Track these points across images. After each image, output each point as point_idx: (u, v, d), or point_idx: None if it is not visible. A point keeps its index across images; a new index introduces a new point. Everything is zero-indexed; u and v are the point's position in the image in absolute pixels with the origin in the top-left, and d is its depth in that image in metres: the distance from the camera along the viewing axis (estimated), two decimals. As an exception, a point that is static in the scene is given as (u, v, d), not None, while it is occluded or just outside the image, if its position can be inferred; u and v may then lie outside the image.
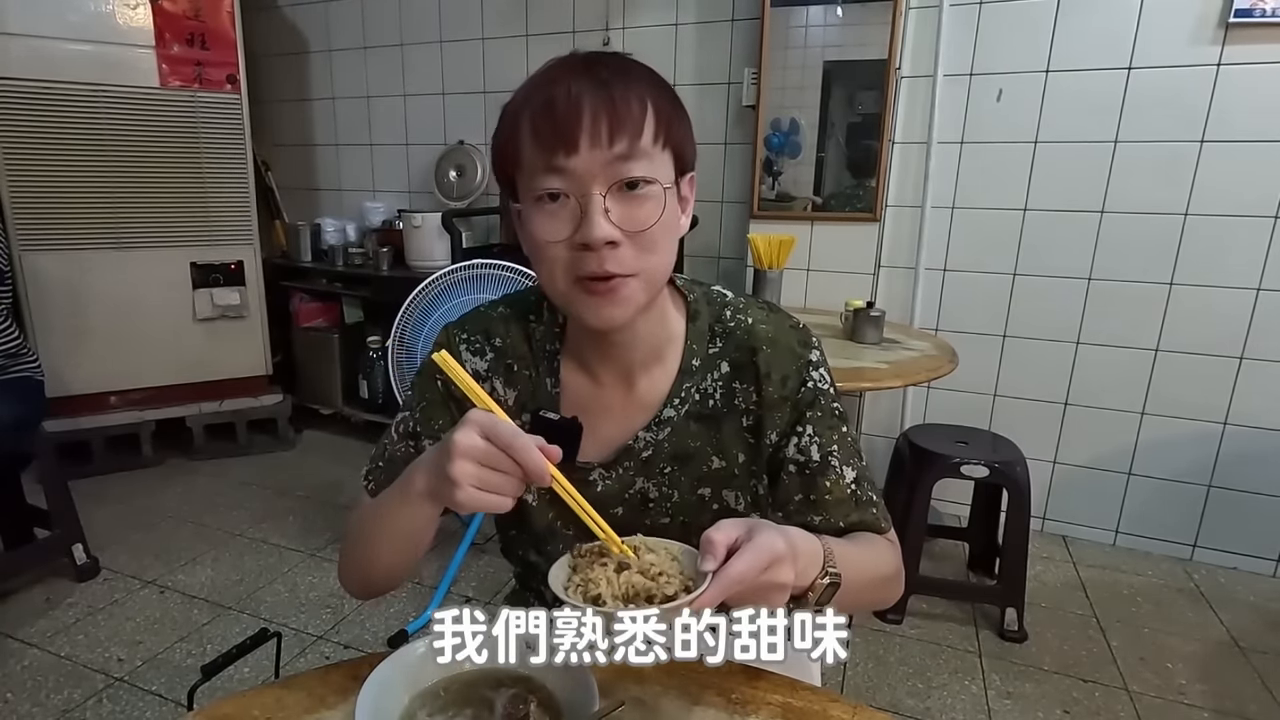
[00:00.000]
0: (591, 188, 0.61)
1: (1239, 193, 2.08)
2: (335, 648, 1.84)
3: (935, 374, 1.77)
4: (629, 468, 0.75)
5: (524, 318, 0.77)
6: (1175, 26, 2.05)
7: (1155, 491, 2.33)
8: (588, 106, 0.60)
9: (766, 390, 0.72)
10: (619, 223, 0.61)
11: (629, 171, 0.61)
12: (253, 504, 2.60)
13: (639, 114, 0.61)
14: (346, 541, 0.75)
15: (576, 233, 0.61)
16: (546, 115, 0.61)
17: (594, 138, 0.60)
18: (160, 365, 2.85)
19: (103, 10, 2.52)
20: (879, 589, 0.72)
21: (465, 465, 0.54)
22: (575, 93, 0.60)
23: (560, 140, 0.60)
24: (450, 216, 2.76)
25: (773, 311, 0.77)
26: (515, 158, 0.63)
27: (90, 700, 1.63)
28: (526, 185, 0.64)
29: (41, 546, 2.07)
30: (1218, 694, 1.72)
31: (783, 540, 0.55)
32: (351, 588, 0.76)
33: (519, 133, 0.63)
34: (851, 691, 1.72)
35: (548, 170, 0.61)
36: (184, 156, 2.74)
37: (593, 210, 0.60)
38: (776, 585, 0.54)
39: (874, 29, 2.32)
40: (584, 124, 0.59)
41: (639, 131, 0.61)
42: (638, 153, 0.61)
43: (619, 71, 0.62)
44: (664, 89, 0.65)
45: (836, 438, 0.73)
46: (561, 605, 0.55)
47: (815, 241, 2.56)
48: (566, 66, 0.63)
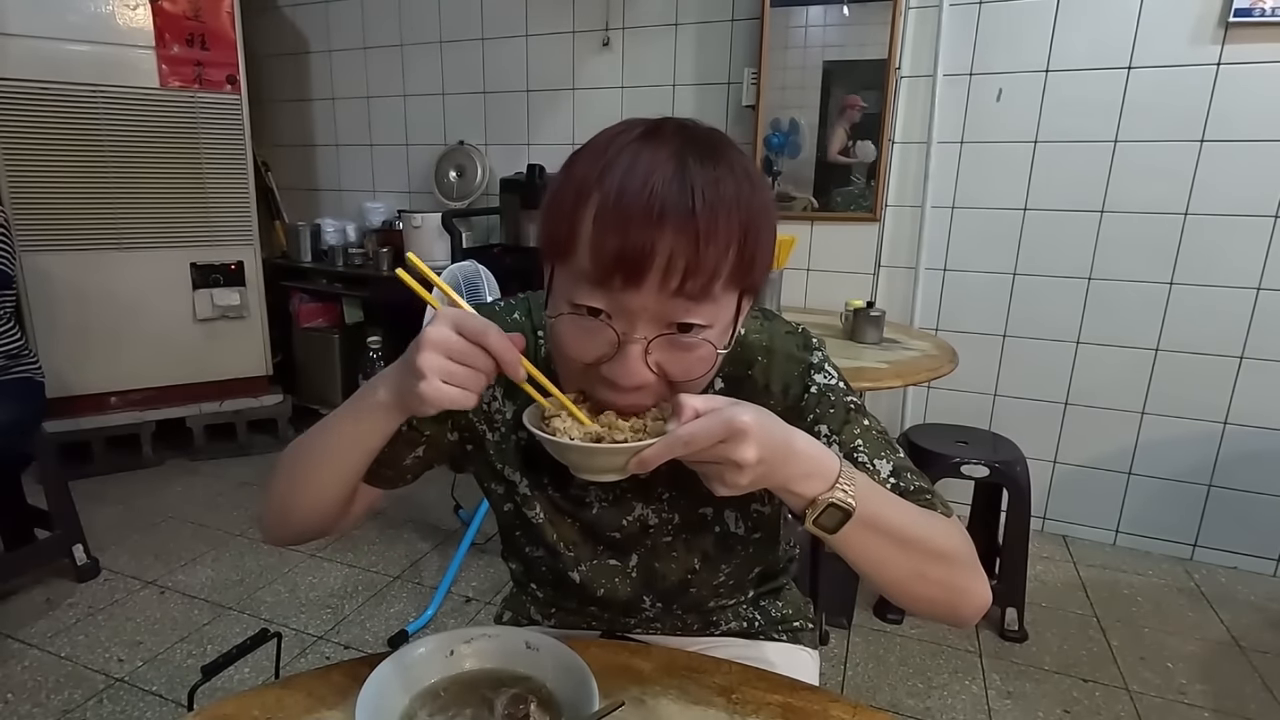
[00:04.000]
0: (638, 328, 0.54)
1: (1239, 193, 2.08)
2: (335, 648, 1.84)
3: (935, 374, 1.77)
4: (626, 491, 0.73)
5: (534, 331, 0.73)
6: (1175, 26, 2.05)
7: (1155, 491, 2.33)
8: (667, 243, 0.51)
9: (767, 404, 0.68)
10: (657, 366, 0.56)
11: (685, 316, 0.54)
12: (253, 504, 2.60)
13: (720, 260, 0.53)
14: (276, 471, 0.67)
15: (607, 362, 0.56)
16: (616, 234, 0.51)
17: (663, 282, 0.52)
18: (160, 365, 2.85)
19: (102, 10, 2.52)
20: (935, 567, 0.60)
21: (434, 358, 0.51)
22: (657, 219, 0.51)
23: (622, 273, 0.52)
24: (450, 217, 2.76)
25: (767, 319, 0.73)
26: (566, 245, 0.55)
27: (90, 701, 1.63)
28: (568, 278, 0.56)
29: (42, 547, 2.07)
30: (1218, 694, 1.71)
31: (750, 416, 0.50)
32: (269, 526, 0.70)
33: (579, 222, 0.53)
34: (851, 691, 1.72)
35: (597, 289, 0.54)
36: (184, 157, 2.74)
37: (632, 353, 0.54)
38: (731, 462, 0.50)
39: (874, 29, 2.32)
40: (655, 264, 0.51)
41: (714, 279, 0.53)
42: (704, 298, 0.54)
43: (712, 187, 0.52)
44: (758, 211, 0.55)
45: (859, 432, 0.67)
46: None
47: (815, 241, 2.57)
48: (655, 160, 0.52)
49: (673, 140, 0.54)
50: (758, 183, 0.56)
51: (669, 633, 0.85)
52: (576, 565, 0.77)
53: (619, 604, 0.80)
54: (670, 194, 0.51)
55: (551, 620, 0.87)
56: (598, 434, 0.56)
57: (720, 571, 0.77)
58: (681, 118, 0.58)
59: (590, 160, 0.55)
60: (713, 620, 0.85)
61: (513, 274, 2.50)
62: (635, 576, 0.78)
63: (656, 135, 0.55)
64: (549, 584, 0.84)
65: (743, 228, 0.54)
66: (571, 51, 2.85)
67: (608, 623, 0.84)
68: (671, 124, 0.56)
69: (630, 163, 0.53)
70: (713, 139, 0.56)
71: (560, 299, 0.57)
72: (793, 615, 0.89)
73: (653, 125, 0.56)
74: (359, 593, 2.07)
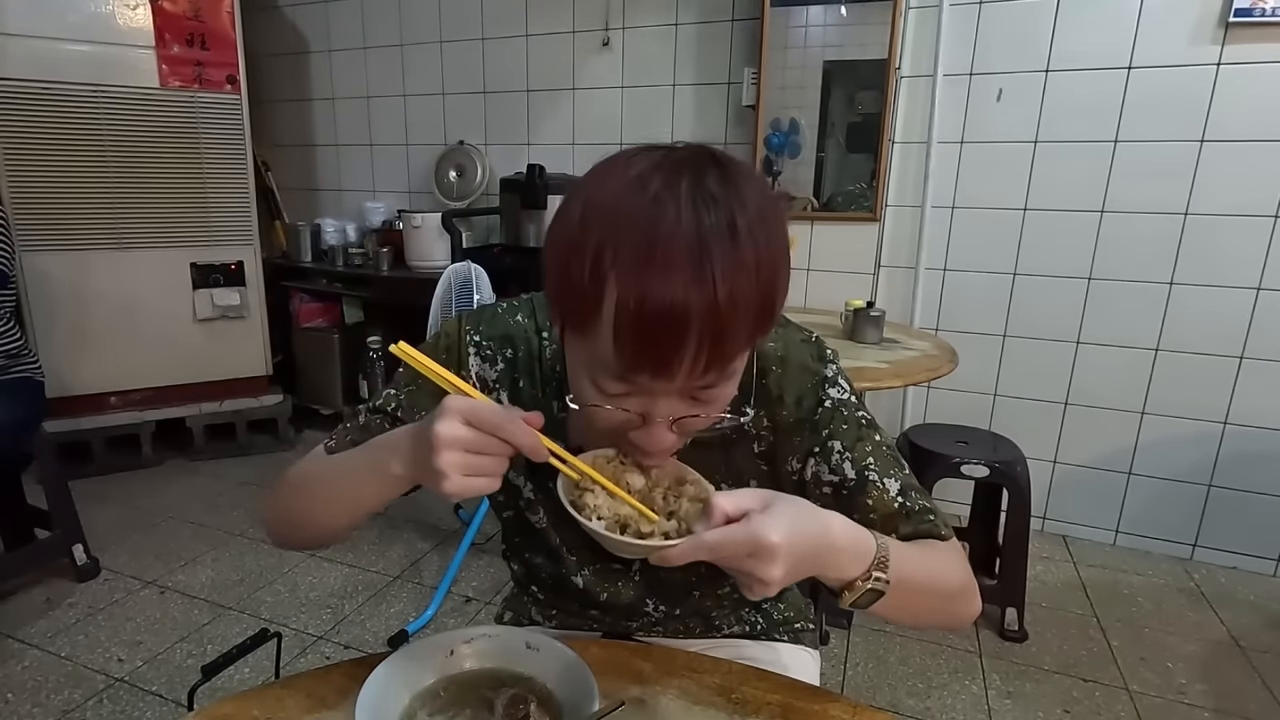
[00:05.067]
0: (661, 408, 0.55)
1: (1239, 193, 2.08)
2: (335, 648, 1.84)
3: (935, 374, 1.77)
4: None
5: (538, 332, 0.72)
6: (1175, 26, 2.05)
7: (1155, 491, 2.33)
8: (693, 340, 0.50)
9: (780, 414, 0.69)
10: (678, 427, 0.56)
11: (706, 395, 0.55)
12: (253, 504, 2.60)
13: (745, 336, 0.52)
14: (285, 489, 0.69)
15: (631, 429, 0.56)
16: (641, 340, 0.50)
17: (690, 371, 0.52)
18: (160, 365, 2.85)
19: (102, 10, 2.52)
20: (944, 604, 0.65)
21: (451, 455, 0.51)
22: (681, 323, 0.49)
23: (648, 367, 0.52)
24: (450, 217, 2.76)
25: (782, 325, 0.71)
26: (584, 326, 0.53)
27: (90, 701, 1.63)
28: (587, 356, 0.55)
29: (42, 547, 2.07)
30: (1218, 694, 1.71)
31: (780, 535, 0.49)
32: (276, 533, 0.72)
33: (598, 308, 0.51)
34: (851, 691, 1.72)
35: (620, 378, 0.53)
36: (184, 157, 2.74)
37: (658, 428, 0.55)
38: (756, 578, 0.50)
39: (874, 29, 2.32)
40: (684, 360, 0.51)
41: (739, 351, 0.53)
42: (724, 375, 0.54)
43: (733, 267, 0.49)
44: (777, 261, 0.53)
45: (870, 449, 0.68)
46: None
47: (815, 241, 2.57)
48: (673, 245, 0.49)
49: (690, 204, 0.50)
50: (775, 227, 0.53)
51: (670, 635, 0.85)
52: (579, 570, 0.77)
53: (621, 608, 0.80)
54: (693, 291, 0.49)
55: (552, 622, 0.87)
56: (626, 519, 0.56)
57: (725, 579, 0.77)
58: (695, 153, 0.54)
59: (602, 226, 0.51)
60: (715, 624, 0.85)
61: (513, 274, 2.50)
62: (638, 581, 0.78)
63: (672, 194, 0.50)
64: (550, 587, 0.84)
65: (764, 294, 0.52)
66: (571, 51, 2.84)
67: (609, 625, 0.84)
68: (687, 173, 0.51)
69: (648, 241, 0.49)
70: (725, 187, 0.51)
71: (582, 378, 0.57)
72: (794, 617, 0.89)
73: (668, 175, 0.51)
74: (359, 593, 2.07)
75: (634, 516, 0.56)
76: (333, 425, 2.86)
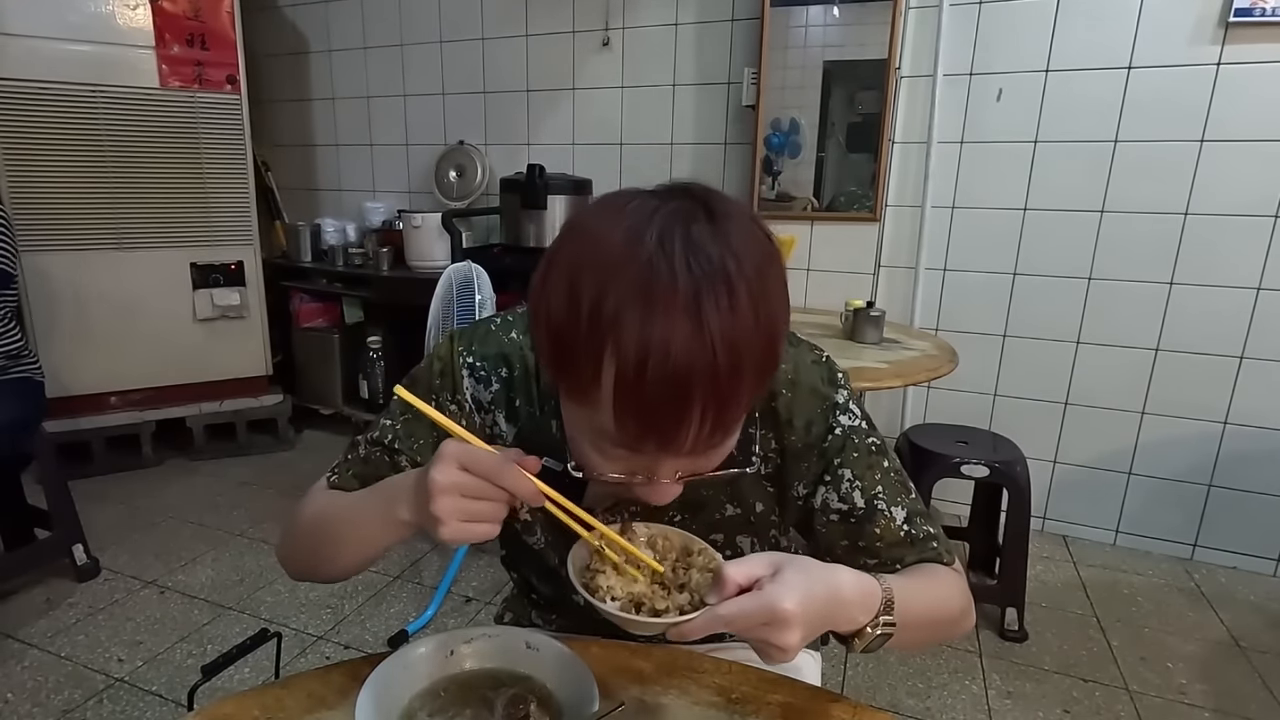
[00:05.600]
0: (666, 470, 0.55)
1: (1239, 193, 2.08)
2: (335, 648, 1.84)
3: (935, 374, 1.77)
4: (635, 514, 0.72)
5: (534, 349, 0.71)
6: (1175, 26, 2.05)
7: (1155, 491, 2.33)
8: (696, 409, 0.49)
9: (789, 439, 0.68)
10: (685, 481, 0.57)
11: (714, 446, 0.55)
12: (253, 504, 2.60)
13: (747, 400, 0.52)
14: (300, 528, 0.71)
15: (639, 486, 0.56)
16: (644, 414, 0.49)
17: (696, 438, 0.51)
18: (160, 365, 2.85)
19: (102, 10, 2.52)
20: (944, 629, 0.67)
21: (446, 502, 0.51)
22: (683, 395, 0.48)
23: (654, 442, 0.51)
24: (450, 217, 2.76)
25: (792, 345, 0.70)
26: (583, 394, 0.52)
27: (91, 700, 1.63)
28: (588, 423, 0.54)
29: (42, 547, 2.07)
30: (1218, 694, 1.71)
31: (794, 602, 0.49)
32: (293, 571, 0.74)
33: (596, 377, 0.49)
34: (851, 691, 1.72)
35: (627, 449, 0.53)
36: (184, 157, 2.74)
37: (663, 485, 0.55)
38: (774, 646, 0.50)
39: (874, 29, 2.32)
40: (688, 434, 0.50)
41: (743, 410, 0.53)
42: (727, 435, 0.54)
43: (730, 326, 0.48)
44: (775, 311, 0.52)
45: (879, 476, 0.68)
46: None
47: (815, 241, 2.57)
48: (671, 314, 0.47)
49: (683, 270, 0.48)
50: (768, 275, 0.51)
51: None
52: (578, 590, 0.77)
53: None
54: (694, 361, 0.47)
55: (553, 626, 0.87)
56: (640, 596, 0.56)
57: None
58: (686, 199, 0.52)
59: (598, 284, 0.48)
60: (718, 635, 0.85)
61: (513, 274, 2.50)
62: None
63: (664, 260, 0.48)
64: (549, 598, 0.84)
65: (764, 353, 0.51)
66: (571, 51, 2.84)
67: (610, 632, 0.84)
68: (675, 233, 0.49)
69: (645, 312, 0.47)
70: (721, 245, 0.49)
71: (583, 443, 0.56)
72: None
73: (658, 236, 0.49)
74: (359, 593, 2.07)
75: (647, 594, 0.56)
76: (333, 425, 2.85)
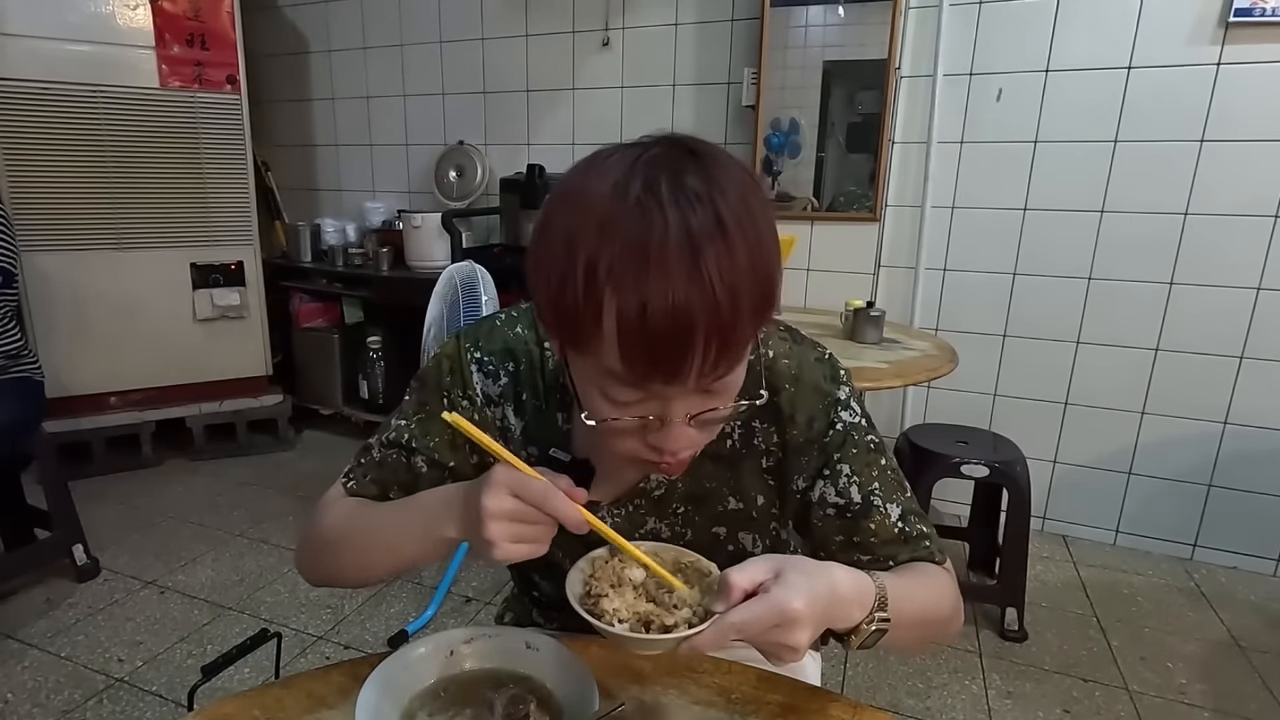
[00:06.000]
0: (677, 409, 0.54)
1: (1239, 193, 2.08)
2: (335, 648, 1.84)
3: (935, 374, 1.77)
4: (640, 506, 0.73)
5: (539, 344, 0.72)
6: (1175, 26, 2.05)
7: (1155, 491, 2.33)
8: (699, 343, 0.49)
9: (790, 433, 0.69)
10: (698, 423, 0.57)
11: (719, 388, 0.55)
12: (253, 504, 2.60)
13: (749, 328, 0.52)
14: (322, 538, 0.71)
15: (650, 434, 0.56)
16: (648, 350, 0.49)
17: (700, 371, 0.51)
18: (160, 365, 2.85)
19: (102, 10, 2.52)
20: (936, 629, 0.68)
21: (499, 526, 0.54)
22: (686, 330, 0.49)
23: (661, 377, 0.51)
24: (450, 217, 2.76)
25: (796, 342, 0.72)
26: (587, 343, 0.52)
27: (91, 701, 1.63)
28: (594, 370, 0.54)
29: (42, 547, 2.07)
30: (1218, 694, 1.71)
31: (802, 601, 0.51)
32: (313, 579, 0.74)
33: (598, 323, 0.50)
34: (851, 691, 1.72)
35: (633, 388, 0.53)
36: (184, 157, 2.74)
37: (676, 428, 0.55)
38: (785, 646, 0.52)
39: (874, 29, 2.32)
40: (693, 363, 0.50)
41: (745, 344, 0.53)
42: (734, 367, 0.54)
43: (728, 264, 0.49)
44: (768, 247, 0.52)
45: (876, 473, 0.70)
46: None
47: (815, 241, 2.57)
48: (665, 253, 0.48)
49: (672, 210, 0.49)
50: (760, 215, 0.52)
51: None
52: None
53: None
54: (694, 294, 0.48)
55: (554, 624, 0.87)
56: (647, 615, 0.56)
57: None
58: (669, 147, 0.53)
59: (588, 243, 0.49)
60: None
61: (513, 274, 2.50)
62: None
63: (653, 199, 0.49)
64: (551, 595, 0.84)
65: (761, 285, 0.51)
66: (571, 51, 2.84)
67: None
68: (665, 173, 0.50)
69: (640, 257, 0.48)
70: (706, 183, 0.50)
71: (592, 394, 0.56)
72: None
73: (646, 179, 0.50)
74: (359, 593, 2.07)
75: (654, 611, 0.56)
76: (333, 425, 2.84)
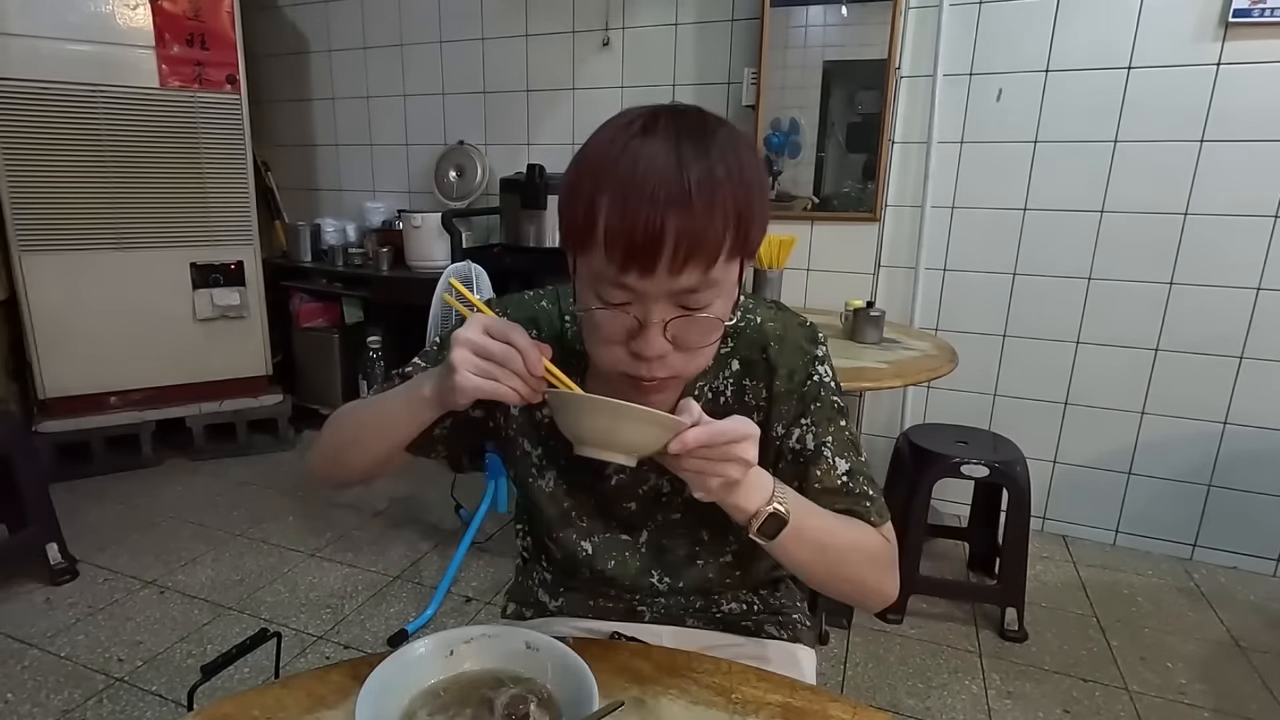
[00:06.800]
0: (655, 311, 0.60)
1: (1239, 193, 2.08)
2: (335, 648, 1.84)
3: (935, 374, 1.77)
4: (644, 462, 0.75)
5: (562, 316, 0.79)
6: (1175, 26, 2.05)
7: (1155, 491, 2.33)
8: (671, 231, 0.56)
9: (775, 386, 0.75)
10: (674, 339, 0.62)
11: (695, 301, 0.61)
12: (253, 504, 2.60)
13: (719, 237, 0.58)
14: (329, 427, 0.78)
15: (632, 340, 0.62)
16: (625, 232, 0.56)
17: (672, 265, 0.57)
18: (160, 365, 2.85)
19: (102, 10, 2.52)
20: (854, 563, 0.71)
21: (464, 354, 0.59)
22: (660, 213, 0.55)
23: (637, 266, 0.58)
24: (450, 217, 2.76)
25: (780, 310, 0.79)
26: (584, 240, 0.60)
27: (90, 700, 1.63)
28: (589, 272, 0.62)
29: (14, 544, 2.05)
30: (1218, 694, 1.72)
31: (752, 425, 0.59)
32: (318, 473, 0.80)
33: (593, 222, 0.58)
34: (851, 691, 1.72)
35: (616, 284, 0.60)
36: (184, 157, 2.74)
37: (652, 331, 0.61)
38: (740, 459, 0.58)
39: (874, 29, 2.32)
40: (664, 252, 0.56)
41: (715, 257, 0.59)
42: (708, 281, 0.60)
43: (706, 173, 0.57)
44: (751, 186, 0.60)
45: (833, 429, 0.75)
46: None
47: (815, 241, 2.57)
48: (653, 157, 0.57)
49: (667, 132, 0.58)
50: (747, 159, 0.60)
51: (672, 613, 0.86)
52: (589, 536, 0.81)
53: (627, 580, 0.82)
54: (669, 188, 0.55)
55: (559, 600, 0.89)
56: None
57: (726, 549, 0.81)
58: (676, 105, 0.62)
59: (597, 158, 0.59)
60: (715, 602, 0.86)
61: (513, 274, 2.50)
62: (645, 552, 0.81)
63: (653, 130, 0.58)
64: (557, 561, 0.85)
65: (737, 205, 0.58)
66: (571, 51, 2.85)
67: (614, 601, 0.86)
68: (665, 115, 0.60)
69: (631, 162, 0.57)
70: (704, 124, 0.60)
71: (587, 292, 0.63)
72: (789, 606, 0.91)
73: (649, 117, 0.59)
74: (359, 593, 2.07)
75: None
76: (333, 425, 2.74)
